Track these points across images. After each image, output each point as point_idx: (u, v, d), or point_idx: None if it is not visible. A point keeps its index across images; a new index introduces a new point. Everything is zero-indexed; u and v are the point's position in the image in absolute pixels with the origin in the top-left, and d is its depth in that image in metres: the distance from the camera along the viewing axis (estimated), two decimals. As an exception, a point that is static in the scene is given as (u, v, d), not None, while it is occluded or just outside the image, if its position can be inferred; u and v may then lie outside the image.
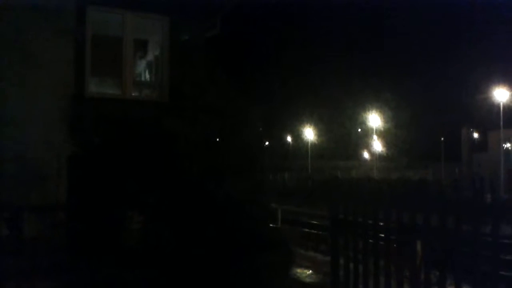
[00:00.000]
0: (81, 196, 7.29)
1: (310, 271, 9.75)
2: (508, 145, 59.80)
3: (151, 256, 6.27)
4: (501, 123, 46.21)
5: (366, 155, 76.13)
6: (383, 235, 6.00)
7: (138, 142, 6.79)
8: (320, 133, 72.97)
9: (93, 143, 7.11)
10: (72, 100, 8.24)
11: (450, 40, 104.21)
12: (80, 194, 7.31)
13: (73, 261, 6.68)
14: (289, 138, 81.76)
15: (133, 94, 9.43)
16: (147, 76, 11.24)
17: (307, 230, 16.76)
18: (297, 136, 76.87)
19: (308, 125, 72.32)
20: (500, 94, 47.06)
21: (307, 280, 9.06)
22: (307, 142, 71.96)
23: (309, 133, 72.45)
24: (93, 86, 9.03)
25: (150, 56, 10.97)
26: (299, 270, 9.60)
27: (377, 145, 64.95)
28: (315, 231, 16.10)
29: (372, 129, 61.76)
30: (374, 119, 61.05)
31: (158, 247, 6.31)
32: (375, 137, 62.59)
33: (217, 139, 7.83)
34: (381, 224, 6.04)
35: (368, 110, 61.77)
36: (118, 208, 7.02)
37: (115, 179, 6.90)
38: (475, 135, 68.19)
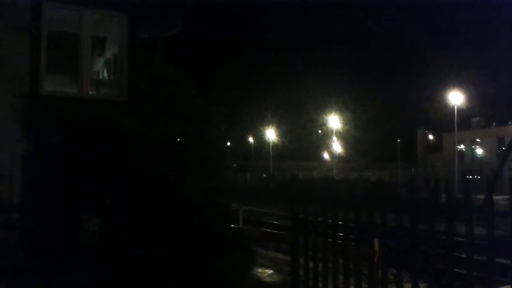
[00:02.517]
0: (36, 197, 7.07)
1: (271, 270, 9.79)
2: (462, 146, 61.89)
3: (108, 259, 6.13)
4: (455, 125, 47.70)
5: (326, 156, 77.25)
6: (342, 234, 6.08)
7: (96, 142, 6.63)
8: (281, 133, 73.50)
9: (48, 142, 6.90)
10: (26, 98, 7.98)
11: (407, 44, 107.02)
12: (35, 194, 7.09)
13: (27, 264, 6.47)
14: (251, 139, 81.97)
15: (90, 93, 9.20)
16: (105, 74, 11.00)
17: (268, 230, 16.81)
18: (259, 137, 77.18)
19: (270, 125, 72.71)
20: (454, 97, 48.56)
21: (268, 279, 9.09)
22: (269, 143, 72.33)
23: (271, 134, 72.83)
24: (49, 83, 8.75)
25: (108, 54, 10.74)
26: (260, 270, 9.63)
27: (337, 146, 65.96)
28: (276, 231, 16.17)
29: (332, 130, 62.67)
30: (334, 121, 61.95)
31: (116, 249, 6.18)
32: (334, 138, 63.52)
33: (178, 139, 7.74)
34: (340, 223, 6.12)
35: (328, 112, 62.71)
36: (75, 210, 6.84)
37: (71, 180, 6.73)
38: (431, 137, 70.21)
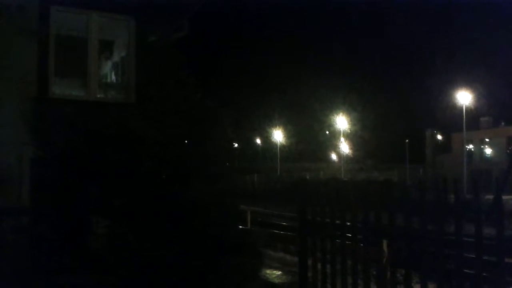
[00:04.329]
0: (45, 200, 7.10)
1: (279, 272, 9.79)
2: (471, 146, 61.51)
3: (117, 261, 6.15)
4: (464, 125, 47.45)
5: (334, 156, 77.07)
6: (350, 235, 6.06)
7: (103, 144, 6.65)
8: (289, 135, 73.45)
9: (56, 145, 6.94)
10: (35, 101, 8.04)
11: (415, 44, 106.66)
12: (44, 197, 7.13)
13: (36, 267, 6.50)
14: (258, 140, 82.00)
15: (98, 96, 9.26)
16: (113, 77, 11.06)
17: (276, 231, 16.81)
18: (266, 138, 77.19)
19: (277, 127, 72.71)
20: (462, 97, 48.33)
21: (276, 281, 9.09)
22: (276, 144, 72.31)
23: (278, 135, 72.81)
24: (57, 87, 8.82)
25: (116, 57, 10.80)
26: (268, 271, 9.63)
27: (344, 147, 65.79)
28: (284, 232, 16.17)
29: (339, 131, 62.53)
30: (341, 122, 61.84)
31: (124, 252, 6.20)
32: (342, 139, 63.37)
33: (185, 141, 7.75)
34: (348, 224, 6.10)
35: (336, 113, 62.59)
36: (83, 212, 6.87)
37: (80, 182, 6.75)
38: (439, 137, 69.82)
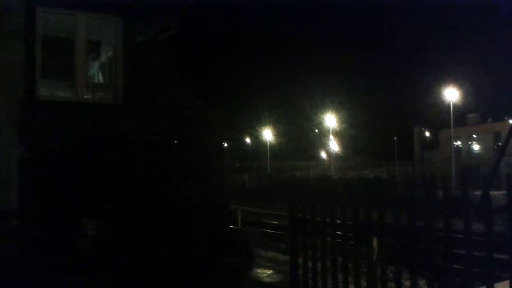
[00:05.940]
0: (34, 202, 7.04)
1: (271, 271, 9.79)
2: (459, 142, 62.02)
3: (107, 262, 6.12)
4: (451, 121, 47.82)
5: (323, 155, 77.37)
6: (340, 233, 6.09)
7: (92, 146, 6.62)
8: (278, 133, 73.56)
9: (44, 147, 6.88)
10: (22, 103, 7.97)
11: (403, 42, 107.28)
12: (33, 200, 7.07)
13: (26, 271, 6.44)
14: (248, 139, 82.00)
15: (86, 97, 9.20)
16: (101, 78, 11.00)
17: (267, 230, 16.82)
18: (256, 137, 77.23)
19: (267, 126, 72.77)
20: (450, 94, 48.71)
21: (267, 280, 9.09)
22: (266, 143, 72.37)
23: (268, 134, 72.86)
24: (44, 88, 8.75)
25: (103, 58, 10.74)
26: (259, 271, 9.63)
27: (334, 145, 66.03)
28: (275, 231, 16.18)
29: (328, 129, 62.73)
30: (330, 120, 62.03)
31: (115, 254, 6.17)
32: (331, 137, 63.60)
33: (175, 141, 7.73)
34: (338, 222, 6.13)
35: (325, 111, 62.81)
36: (73, 215, 6.82)
37: (69, 185, 6.70)
38: (427, 134, 70.30)
